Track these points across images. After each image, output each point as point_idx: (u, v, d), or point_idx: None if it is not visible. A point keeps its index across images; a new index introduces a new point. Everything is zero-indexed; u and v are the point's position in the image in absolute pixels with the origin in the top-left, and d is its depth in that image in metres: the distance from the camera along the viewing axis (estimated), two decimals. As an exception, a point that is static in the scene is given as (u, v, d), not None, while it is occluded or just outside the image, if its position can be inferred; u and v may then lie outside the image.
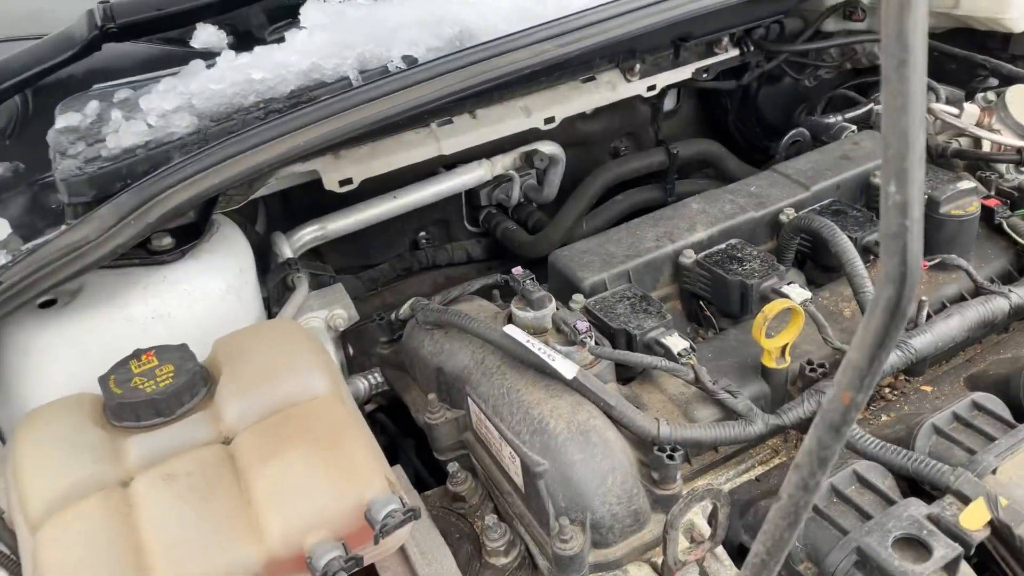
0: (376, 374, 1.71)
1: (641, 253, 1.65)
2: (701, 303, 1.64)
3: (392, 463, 1.55)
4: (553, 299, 1.47)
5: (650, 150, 2.55)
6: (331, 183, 1.96)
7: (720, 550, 1.30)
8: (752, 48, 2.37)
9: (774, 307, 1.35)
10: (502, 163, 2.33)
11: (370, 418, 1.86)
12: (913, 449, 1.28)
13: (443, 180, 2.25)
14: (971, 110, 1.88)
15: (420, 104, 1.49)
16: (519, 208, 2.58)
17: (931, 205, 1.61)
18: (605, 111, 2.48)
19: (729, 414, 1.37)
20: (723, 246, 1.64)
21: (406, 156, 2.04)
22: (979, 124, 1.87)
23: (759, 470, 1.42)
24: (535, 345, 1.33)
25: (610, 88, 2.27)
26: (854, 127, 2.11)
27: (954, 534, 1.12)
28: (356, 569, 1.11)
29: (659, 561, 1.26)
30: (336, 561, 1.08)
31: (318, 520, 1.11)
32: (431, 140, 2.07)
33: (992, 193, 1.78)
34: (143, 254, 1.50)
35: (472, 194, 2.49)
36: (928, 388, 1.54)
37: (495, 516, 1.35)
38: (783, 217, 1.73)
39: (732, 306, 1.57)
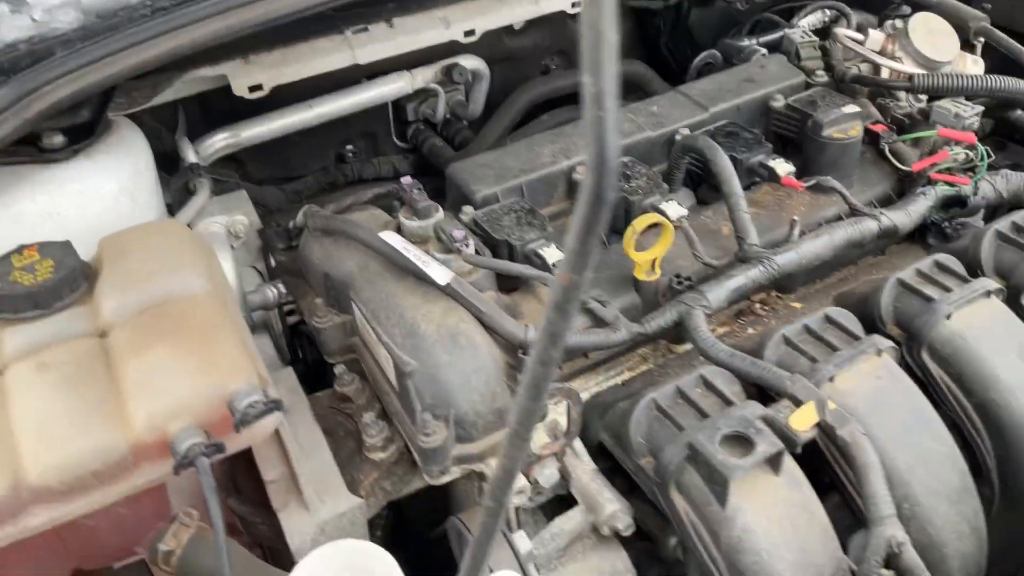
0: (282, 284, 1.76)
1: (536, 168, 1.69)
2: (593, 218, 1.69)
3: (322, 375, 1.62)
4: (439, 209, 1.51)
5: (576, 69, 2.56)
6: (240, 88, 1.96)
7: (579, 446, 1.39)
8: (678, -34, 2.38)
9: (641, 222, 1.41)
10: (422, 76, 2.32)
11: (293, 329, 1.91)
12: (762, 358, 1.36)
13: (361, 91, 2.25)
14: (876, 37, 1.91)
15: (315, 3, 1.50)
16: (448, 124, 2.59)
17: (814, 128, 1.67)
18: (534, 27, 2.47)
19: (599, 322, 1.44)
20: (621, 160, 1.68)
21: (319, 63, 2.04)
22: (883, 51, 1.91)
23: (626, 376, 1.50)
24: (411, 252, 1.38)
25: (532, 1, 2.27)
26: (765, 51, 2.13)
27: (783, 434, 1.21)
28: (219, 456, 1.17)
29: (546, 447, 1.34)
30: (196, 447, 1.14)
31: (182, 408, 1.17)
32: (345, 48, 2.06)
33: (888, 120, 1.83)
34: (33, 152, 1.51)
35: (399, 109, 2.49)
36: (798, 305, 1.62)
37: (373, 414, 1.42)
38: (678, 138, 1.77)
39: (617, 222, 1.62)
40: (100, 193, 1.56)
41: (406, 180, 1.52)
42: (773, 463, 1.18)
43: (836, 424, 1.21)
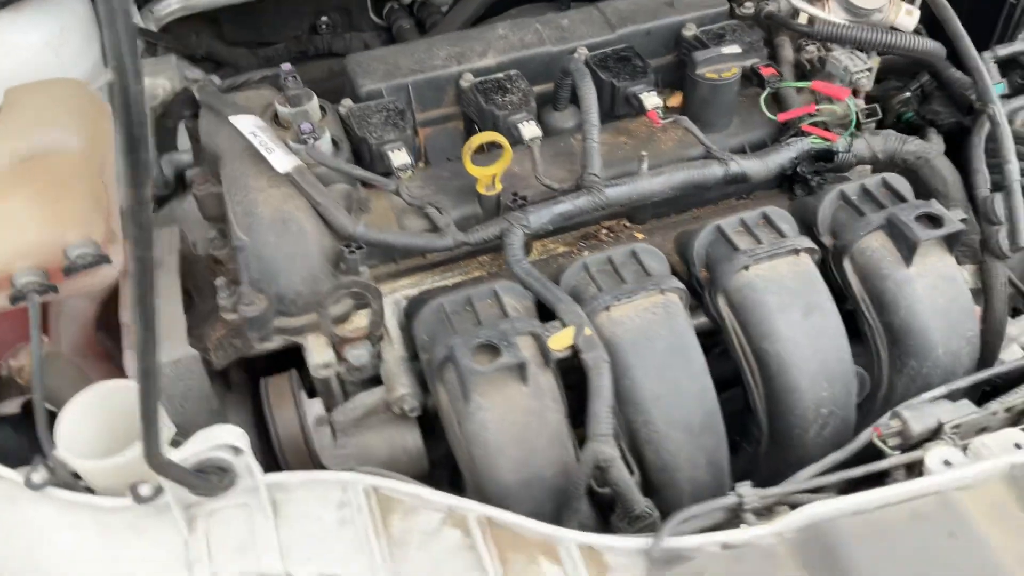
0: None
1: (426, 69, 1.78)
2: (476, 127, 1.79)
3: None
4: (313, 98, 1.64)
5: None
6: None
7: (395, 335, 1.55)
8: None
9: (475, 139, 1.51)
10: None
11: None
12: (559, 281, 1.48)
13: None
14: (809, -26, 1.88)
15: None
16: (424, 7, 2.65)
17: (690, 65, 1.69)
18: None
19: (434, 227, 1.57)
20: (500, 75, 1.76)
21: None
22: (813, -9, 1.88)
23: (457, 279, 1.64)
24: (258, 137, 1.52)
25: None
26: None
27: (543, 350, 1.35)
28: (52, 295, 1.39)
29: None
30: (31, 284, 1.35)
31: (27, 250, 1.38)
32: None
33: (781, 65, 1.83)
34: (-38, 2, 1.68)
35: (376, -13, 2.54)
36: (640, 236, 1.71)
37: (225, 279, 1.60)
38: (575, 56, 1.82)
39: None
40: (22, 45, 1.73)
41: (284, 66, 1.64)
42: (520, 372, 1.32)
43: (584, 348, 1.34)
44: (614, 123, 1.79)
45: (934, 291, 1.50)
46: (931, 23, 2.01)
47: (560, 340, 1.35)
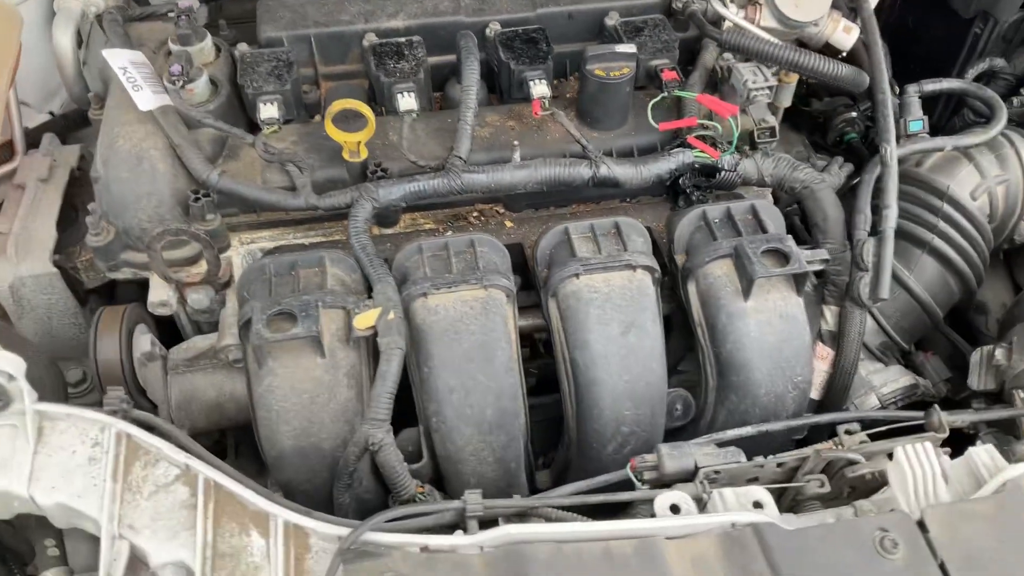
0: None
1: (331, 23, 1.77)
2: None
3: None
4: (206, 39, 1.66)
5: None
6: None
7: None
8: None
9: (335, 107, 1.51)
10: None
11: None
12: (392, 263, 1.49)
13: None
14: (748, -25, 1.79)
15: None
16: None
17: (582, 59, 1.65)
18: None
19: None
20: (402, 40, 1.74)
21: None
22: (750, -7, 1.79)
23: (318, 238, 1.66)
24: (126, 73, 1.55)
25: None
26: None
27: (349, 327, 1.38)
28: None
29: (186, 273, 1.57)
30: None
31: None
32: None
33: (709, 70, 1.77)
34: None
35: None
36: (510, 224, 1.70)
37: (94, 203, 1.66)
38: (488, 31, 1.79)
39: (382, 99, 1.71)
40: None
41: (183, 3, 1.66)
42: (315, 345, 1.35)
43: (381, 332, 1.35)
44: (510, 106, 1.76)
45: (767, 329, 1.47)
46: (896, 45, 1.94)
47: (364, 320, 1.37)
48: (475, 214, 1.72)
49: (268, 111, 1.60)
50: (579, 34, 1.86)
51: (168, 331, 1.72)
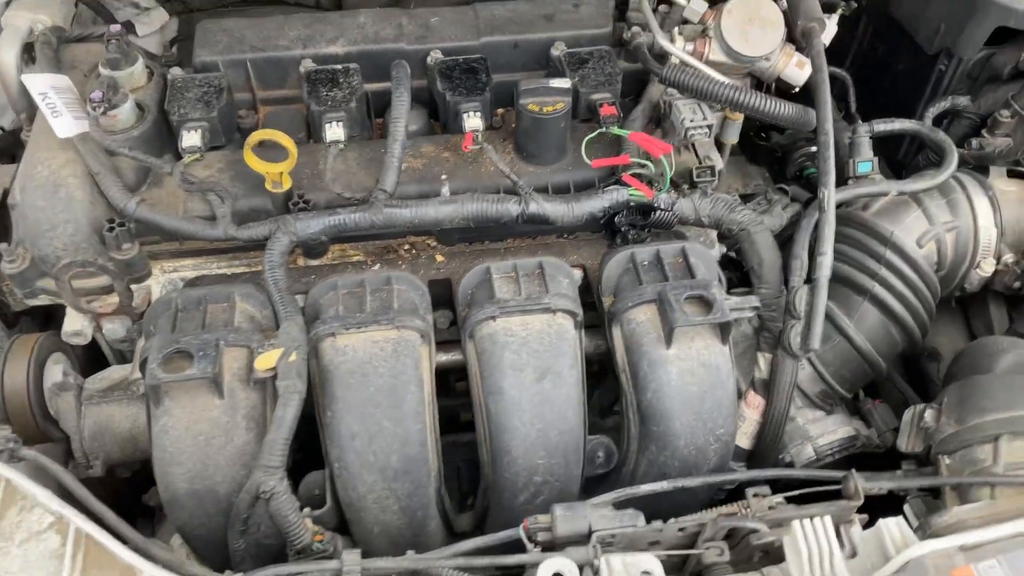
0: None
1: (268, 48, 1.74)
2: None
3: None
4: (136, 61, 1.63)
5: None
6: None
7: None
8: None
9: (254, 137, 1.47)
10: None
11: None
12: (309, 297, 1.45)
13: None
14: (698, 5, 1.73)
15: None
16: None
17: (516, 93, 1.60)
18: None
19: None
20: (338, 67, 1.70)
21: None
22: (701, 22, 1.73)
23: (242, 269, 1.61)
24: (46, 99, 1.52)
25: None
26: None
27: (250, 367, 1.34)
28: None
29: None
30: None
31: None
32: None
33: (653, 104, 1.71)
34: None
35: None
36: (441, 258, 1.65)
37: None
38: (429, 59, 1.75)
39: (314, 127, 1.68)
40: None
41: (113, 27, 1.63)
42: (212, 385, 1.31)
43: (281, 374, 1.31)
44: (447, 136, 1.72)
45: (689, 378, 1.41)
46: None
47: (265, 360, 1.33)
48: (406, 247, 1.67)
49: (190, 139, 1.56)
50: (526, 64, 1.82)
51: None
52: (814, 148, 1.94)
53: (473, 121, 1.61)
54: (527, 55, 1.81)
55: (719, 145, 1.78)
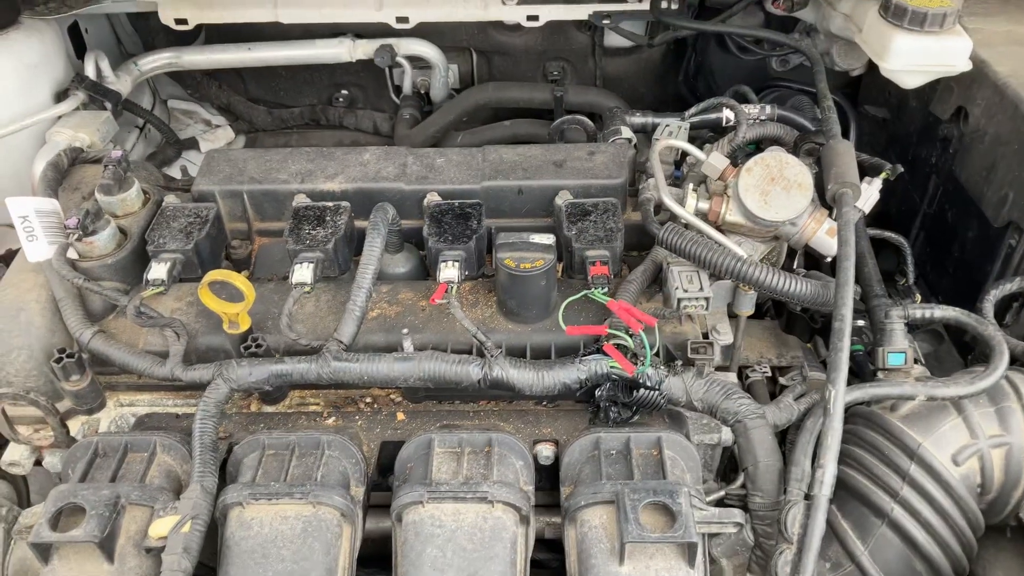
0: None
1: (265, 181, 1.67)
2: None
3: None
4: (132, 186, 1.60)
5: (536, 84, 2.38)
6: (167, 18, 2.14)
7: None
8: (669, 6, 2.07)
9: (210, 276, 1.38)
10: (363, 49, 2.32)
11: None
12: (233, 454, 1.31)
13: (296, 47, 2.32)
14: (717, 160, 1.54)
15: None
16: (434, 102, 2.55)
17: (494, 247, 1.44)
18: (531, 28, 2.31)
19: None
20: (329, 204, 1.61)
21: (241, 13, 2.15)
22: (722, 178, 1.54)
23: (192, 408, 1.49)
24: (25, 222, 1.48)
25: (481, 7, 2.14)
26: (632, 137, 1.81)
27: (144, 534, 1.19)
28: None
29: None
30: None
31: None
32: (269, 4, 2.14)
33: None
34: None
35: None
36: (401, 416, 1.48)
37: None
38: (425, 201, 1.63)
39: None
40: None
41: (113, 153, 1.61)
42: (104, 550, 1.17)
43: (168, 548, 1.15)
44: (428, 283, 1.58)
45: (642, 605, 1.15)
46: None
47: (159, 527, 1.19)
48: (368, 400, 1.52)
49: (156, 271, 1.48)
50: (531, 210, 1.67)
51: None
52: (861, 322, 1.67)
53: (448, 271, 1.46)
54: (532, 202, 1.66)
55: (733, 316, 1.55)
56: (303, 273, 1.47)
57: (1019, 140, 1.53)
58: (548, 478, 1.42)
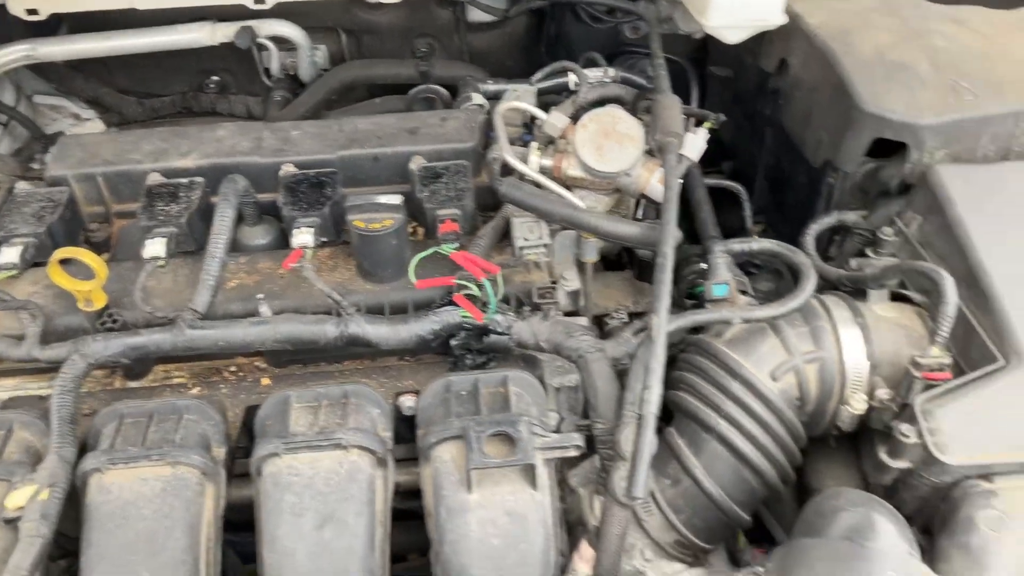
0: None
1: (119, 162, 1.67)
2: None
3: None
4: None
5: (403, 60, 2.42)
6: (16, 9, 2.08)
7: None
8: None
9: (58, 254, 1.38)
10: (224, 32, 2.31)
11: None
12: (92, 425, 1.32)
13: (156, 33, 2.30)
14: (558, 119, 1.62)
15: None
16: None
17: (344, 209, 1.49)
18: (393, 5, 2.35)
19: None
20: (183, 181, 1.63)
21: (96, 1, 2.11)
22: (563, 137, 1.62)
23: (46, 391, 1.49)
24: None
25: (340, -15, 2.17)
26: (484, 104, 1.89)
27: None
28: None
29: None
30: None
31: None
32: (125, -10, 2.11)
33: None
34: None
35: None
36: (266, 381, 1.52)
37: None
38: (281, 172, 1.66)
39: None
40: None
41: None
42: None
43: (25, 516, 1.17)
44: (288, 251, 1.61)
45: (491, 529, 1.22)
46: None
47: (16, 498, 1.20)
48: (232, 368, 1.55)
49: (7, 255, 1.48)
50: (389, 178, 1.72)
51: None
52: (704, 265, 1.79)
53: (301, 237, 1.50)
54: (388, 169, 1.71)
55: (580, 264, 1.64)
56: (155, 247, 1.49)
57: (829, 86, 1.67)
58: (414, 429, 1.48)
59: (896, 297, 1.52)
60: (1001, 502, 1.15)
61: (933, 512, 1.24)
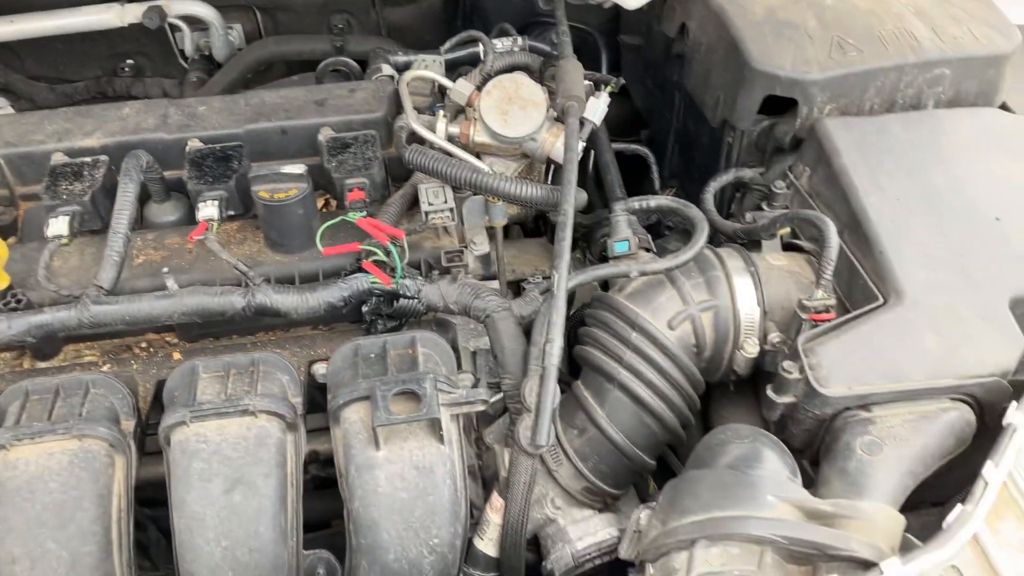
0: None
1: (22, 143, 1.64)
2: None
3: None
4: None
5: (318, 36, 2.42)
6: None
7: None
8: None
9: (-49, 234, 1.36)
10: (134, 13, 2.28)
11: None
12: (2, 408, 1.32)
13: (63, 16, 2.26)
14: (464, 87, 1.65)
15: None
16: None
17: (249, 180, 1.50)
18: None
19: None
20: (87, 160, 1.61)
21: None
22: (469, 104, 1.64)
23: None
24: None
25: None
26: (393, 74, 1.90)
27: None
28: None
29: None
30: None
31: None
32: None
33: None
34: None
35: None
36: (178, 356, 1.52)
37: None
38: (187, 148, 1.65)
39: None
40: None
41: None
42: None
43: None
44: (193, 226, 1.61)
45: (399, 483, 1.25)
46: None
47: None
48: (143, 344, 1.54)
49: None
50: (299, 150, 1.72)
51: None
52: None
53: (206, 210, 1.50)
54: (297, 142, 1.71)
55: (490, 229, 1.67)
56: (59, 226, 1.47)
57: (723, 47, 1.72)
58: (330, 396, 1.50)
59: (790, 247, 1.58)
60: (878, 429, 1.22)
61: (820, 444, 1.30)
